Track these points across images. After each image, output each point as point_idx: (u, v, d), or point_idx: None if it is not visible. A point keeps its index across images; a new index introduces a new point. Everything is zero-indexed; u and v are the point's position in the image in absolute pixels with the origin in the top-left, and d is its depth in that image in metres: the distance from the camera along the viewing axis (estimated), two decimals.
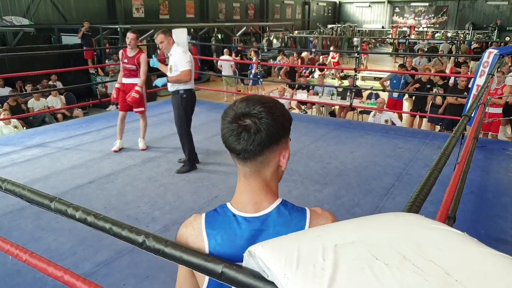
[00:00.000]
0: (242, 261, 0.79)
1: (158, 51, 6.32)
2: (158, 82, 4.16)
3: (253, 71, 11.61)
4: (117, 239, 0.96)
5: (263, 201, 0.89)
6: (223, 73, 11.12)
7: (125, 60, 4.64)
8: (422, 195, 0.92)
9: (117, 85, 4.80)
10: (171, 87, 4.11)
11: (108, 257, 2.71)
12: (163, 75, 4.34)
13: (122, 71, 4.74)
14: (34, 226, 3.08)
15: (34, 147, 4.92)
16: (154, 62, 4.37)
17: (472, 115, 4.26)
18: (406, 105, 9.20)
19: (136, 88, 4.59)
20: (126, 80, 4.72)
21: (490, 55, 5.01)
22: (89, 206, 1.16)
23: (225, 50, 11.88)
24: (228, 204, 0.91)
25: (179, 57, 3.96)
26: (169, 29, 4.24)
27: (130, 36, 4.57)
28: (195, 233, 0.90)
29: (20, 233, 3.00)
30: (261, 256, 0.68)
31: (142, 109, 4.79)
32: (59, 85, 9.13)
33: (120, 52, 4.77)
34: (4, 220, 3.17)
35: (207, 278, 0.90)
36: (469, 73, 9.67)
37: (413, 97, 8.25)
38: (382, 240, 0.58)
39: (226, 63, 10.94)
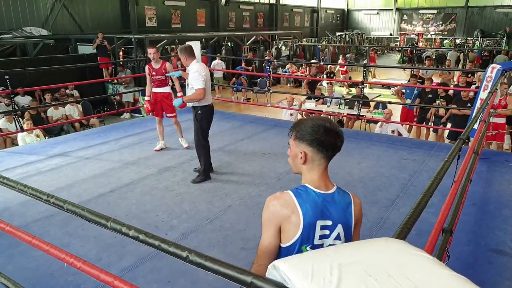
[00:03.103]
0: (321, 219, 1.32)
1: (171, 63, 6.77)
2: (176, 103, 4.51)
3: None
4: (141, 245, 1.23)
5: (328, 183, 1.41)
6: (214, 76, 12.70)
7: (154, 73, 5.13)
8: (412, 219, 1.12)
9: (147, 98, 5.26)
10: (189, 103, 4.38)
11: (131, 263, 2.92)
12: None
13: (150, 85, 5.21)
14: (62, 233, 3.31)
15: (56, 156, 5.19)
16: (174, 74, 5.01)
17: (475, 127, 4.40)
18: None
19: (179, 94, 5.04)
20: (157, 90, 5.23)
21: (493, 70, 5.17)
22: (112, 214, 1.39)
23: (217, 56, 13.32)
24: (307, 185, 1.38)
25: (193, 76, 4.17)
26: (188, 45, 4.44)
27: (151, 51, 5.06)
28: (287, 203, 1.33)
29: (50, 239, 3.19)
30: (284, 270, 0.90)
31: (175, 114, 5.37)
32: (75, 93, 9.52)
33: (146, 67, 5.24)
34: (34, 226, 3.42)
35: (299, 232, 1.30)
36: (476, 81, 9.78)
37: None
38: (375, 261, 0.80)
39: (218, 66, 12.72)
